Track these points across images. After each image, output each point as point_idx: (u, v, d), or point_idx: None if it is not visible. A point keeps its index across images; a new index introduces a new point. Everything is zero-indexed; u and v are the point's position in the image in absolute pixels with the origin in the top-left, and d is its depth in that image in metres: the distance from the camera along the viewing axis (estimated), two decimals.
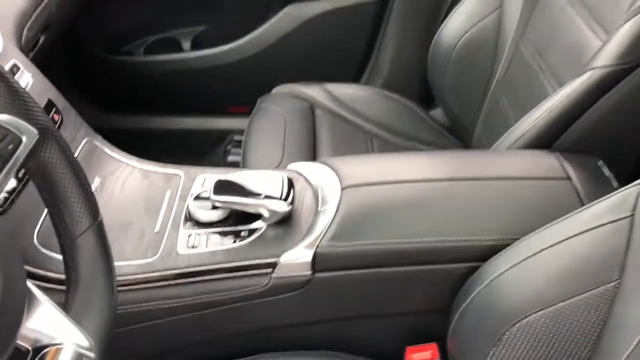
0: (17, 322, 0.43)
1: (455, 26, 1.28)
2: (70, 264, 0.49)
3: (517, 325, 0.66)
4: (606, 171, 0.85)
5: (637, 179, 0.65)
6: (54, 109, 0.82)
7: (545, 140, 0.90)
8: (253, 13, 1.51)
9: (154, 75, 1.57)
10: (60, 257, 0.65)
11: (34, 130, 0.46)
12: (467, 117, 1.31)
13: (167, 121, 1.64)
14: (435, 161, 0.86)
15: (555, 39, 1.07)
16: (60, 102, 0.85)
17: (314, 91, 1.37)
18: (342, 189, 0.79)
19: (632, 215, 0.62)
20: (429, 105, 1.52)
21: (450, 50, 1.28)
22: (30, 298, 0.45)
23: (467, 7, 1.27)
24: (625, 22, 0.84)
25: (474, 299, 0.71)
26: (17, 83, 0.46)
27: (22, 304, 0.43)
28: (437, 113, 1.47)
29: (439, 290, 0.77)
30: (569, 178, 0.81)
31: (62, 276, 0.53)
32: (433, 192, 0.79)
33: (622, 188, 0.64)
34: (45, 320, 0.45)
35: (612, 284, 0.62)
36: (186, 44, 1.57)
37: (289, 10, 1.47)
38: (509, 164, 0.85)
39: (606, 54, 0.85)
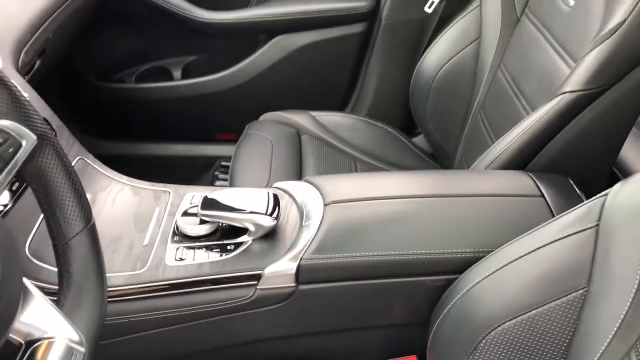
0: (11, 316, 0.45)
1: (436, 56, 1.34)
2: (63, 264, 0.52)
3: (492, 334, 0.68)
4: (576, 189, 0.89)
5: None
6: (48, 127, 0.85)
7: (519, 161, 0.95)
8: (242, 43, 1.56)
9: (145, 103, 1.61)
10: (51, 267, 0.68)
11: (33, 136, 0.49)
12: (448, 143, 1.36)
13: (156, 148, 1.67)
14: (415, 179, 0.90)
15: (529, 67, 1.13)
16: (55, 121, 0.89)
17: (300, 118, 1.42)
18: (325, 205, 0.82)
19: (597, 225, 0.65)
20: (412, 132, 1.57)
21: (431, 79, 1.34)
22: (25, 293, 0.47)
23: (447, 38, 1.33)
24: (591, 50, 0.89)
25: (451, 310, 0.74)
26: (19, 91, 0.49)
27: (17, 298, 0.46)
28: (420, 140, 1.52)
29: (418, 302, 0.80)
30: (542, 195, 0.84)
31: (54, 286, 0.55)
32: (412, 208, 0.82)
33: (588, 200, 0.68)
34: (38, 315, 0.47)
35: (580, 291, 0.65)
36: (177, 73, 1.62)
37: (277, 41, 1.52)
38: (485, 182, 0.89)
39: (575, 79, 0.90)
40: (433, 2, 1.42)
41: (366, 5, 1.49)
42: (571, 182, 0.89)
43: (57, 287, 0.52)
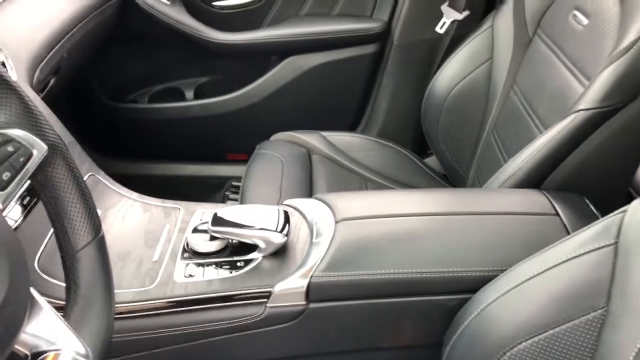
0: (17, 326, 0.44)
1: (447, 77, 1.33)
2: (71, 276, 0.51)
3: (507, 355, 0.67)
4: (592, 208, 0.87)
5: None
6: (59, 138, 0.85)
7: (534, 180, 0.93)
8: (254, 64, 1.57)
9: (157, 123, 1.62)
10: (60, 283, 0.67)
11: (44, 146, 0.49)
12: (460, 164, 1.35)
13: (167, 167, 1.67)
14: (428, 197, 0.89)
15: (541, 86, 1.12)
16: (66, 136, 0.89)
17: (311, 138, 1.41)
18: (336, 222, 0.81)
19: (616, 242, 0.64)
20: (424, 153, 1.56)
21: (443, 99, 1.33)
22: (32, 304, 0.47)
23: (459, 59, 1.33)
24: (606, 67, 0.89)
25: (465, 330, 0.72)
26: (32, 102, 0.49)
27: (24, 309, 0.45)
28: (432, 161, 1.51)
29: (431, 322, 0.78)
30: (557, 214, 0.83)
31: (62, 301, 0.54)
32: (425, 226, 0.81)
33: (605, 217, 0.66)
34: (44, 326, 0.47)
35: (599, 311, 0.63)
36: (189, 94, 1.63)
37: (289, 62, 1.53)
38: (499, 200, 0.88)
39: (589, 97, 0.89)
40: (445, 23, 1.42)
41: (378, 26, 1.50)
42: (587, 200, 0.88)
43: (65, 302, 0.52)
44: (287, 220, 0.81)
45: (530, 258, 0.70)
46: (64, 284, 0.53)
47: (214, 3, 1.54)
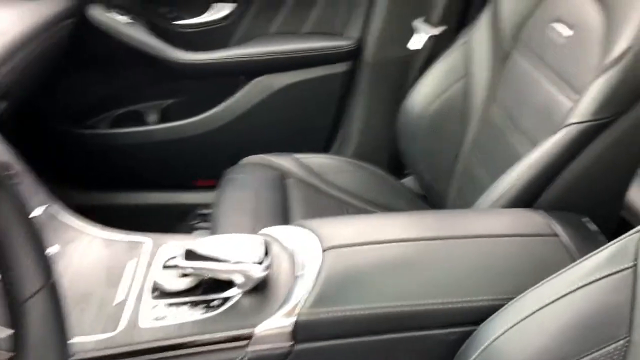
0: None
1: (423, 95, 1.29)
2: (18, 327, 0.42)
3: None
4: (592, 227, 0.82)
5: (623, 232, 0.62)
6: (7, 172, 0.76)
7: (527, 198, 0.88)
8: (222, 84, 1.50)
9: (119, 149, 1.52)
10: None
11: None
12: (439, 183, 1.30)
13: (130, 196, 1.57)
14: (419, 220, 0.83)
15: (525, 102, 1.08)
16: (17, 166, 0.79)
17: (284, 161, 1.35)
18: (323, 250, 0.74)
19: (635, 265, 0.58)
20: (401, 173, 1.51)
21: (419, 118, 1.29)
22: None
23: (433, 76, 1.29)
24: (597, 78, 0.85)
25: None
26: None
27: None
28: (410, 181, 1.46)
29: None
30: (556, 235, 0.78)
31: (10, 353, 0.45)
32: (420, 252, 0.74)
33: (619, 238, 0.61)
34: None
35: (621, 341, 0.57)
36: (153, 117, 1.54)
37: (258, 82, 1.47)
38: (494, 221, 0.82)
39: (582, 109, 0.85)
40: (419, 39, 1.38)
41: (349, 43, 1.45)
42: (584, 219, 0.83)
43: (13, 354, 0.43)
44: (267, 250, 0.73)
45: (540, 285, 0.64)
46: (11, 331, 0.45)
47: (178, 22, 1.46)
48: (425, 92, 1.29)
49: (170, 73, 1.45)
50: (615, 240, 0.61)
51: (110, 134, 1.53)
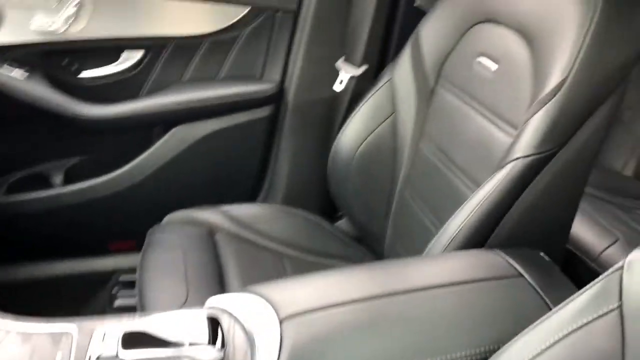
0: None
1: (352, 135, 1.27)
2: None
3: None
4: (548, 261, 0.81)
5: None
6: None
7: (479, 238, 0.86)
8: (135, 138, 1.39)
9: (20, 218, 1.36)
10: None
11: None
12: (375, 224, 1.27)
13: (36, 269, 1.40)
14: (378, 274, 0.77)
15: (457, 137, 1.08)
16: None
17: (211, 215, 1.27)
18: (281, 321, 0.66)
19: (620, 306, 0.56)
20: (334, 217, 1.47)
21: (350, 159, 1.26)
22: None
23: (361, 116, 1.26)
24: (536, 112, 0.85)
25: None
26: None
27: None
28: (343, 224, 1.42)
29: None
30: (521, 275, 0.75)
31: None
32: (386, 310, 0.69)
33: (599, 278, 0.58)
34: None
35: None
36: (58, 178, 1.39)
37: (175, 132, 1.38)
38: (454, 267, 0.78)
39: (524, 143, 0.85)
40: (342, 80, 1.36)
41: (271, 87, 1.40)
42: (543, 254, 0.81)
43: None
44: (217, 327, 0.65)
45: (523, 335, 0.60)
46: None
47: (81, 75, 1.34)
48: (353, 132, 1.27)
49: (74, 129, 1.32)
50: (595, 281, 0.59)
51: (7, 203, 1.36)
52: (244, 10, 1.35)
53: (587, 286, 0.59)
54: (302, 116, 1.42)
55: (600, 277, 0.58)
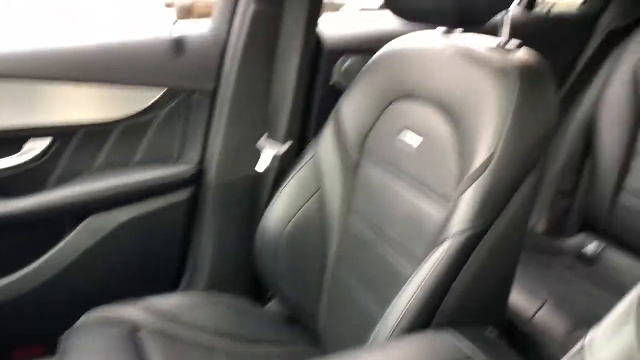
0: None
1: (279, 213, 1.25)
2: None
3: None
4: (496, 339, 0.81)
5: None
6: None
7: (425, 317, 0.86)
8: (43, 233, 1.29)
9: None
10: None
11: None
12: (308, 302, 1.25)
13: None
14: None
15: (387, 211, 1.08)
16: None
17: (131, 311, 1.18)
18: None
19: None
20: (263, 298, 1.43)
21: (278, 238, 1.24)
22: None
23: (286, 195, 1.26)
24: (468, 187, 0.87)
25: None
26: None
27: None
28: (274, 305, 1.38)
29: None
30: (468, 357, 0.74)
31: None
32: None
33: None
34: None
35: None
36: None
37: (87, 224, 1.30)
38: (407, 356, 0.76)
39: (460, 219, 0.86)
40: (265, 158, 1.35)
41: (189, 169, 1.37)
42: (490, 329, 0.81)
43: None
44: None
45: None
46: None
47: None
48: (280, 210, 1.25)
49: None
50: None
51: None
52: (159, 93, 1.33)
53: None
54: (224, 197, 1.40)
55: (571, 353, 0.58)
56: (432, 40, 1.07)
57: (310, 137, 1.32)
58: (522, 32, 1.63)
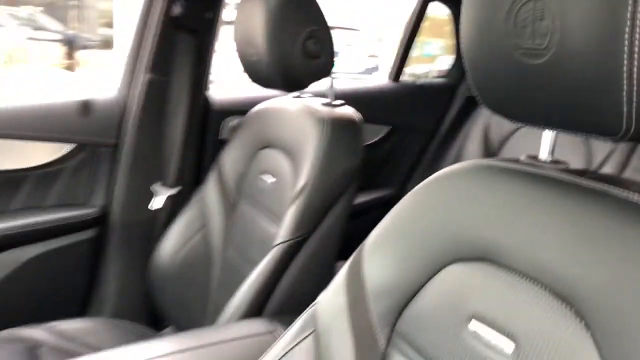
0: None
1: (168, 248, 1.44)
2: None
3: None
4: None
5: None
6: None
7: (255, 309, 1.07)
8: None
9: None
10: None
11: None
12: (194, 325, 1.40)
13: None
14: (173, 340, 0.94)
15: (250, 237, 1.31)
16: None
17: (34, 332, 1.32)
18: None
19: (314, 330, 0.77)
20: (161, 325, 1.57)
21: (167, 269, 1.43)
22: None
23: (176, 231, 1.45)
24: (290, 206, 1.11)
25: None
26: None
27: None
28: (169, 332, 1.53)
29: None
30: (270, 332, 0.95)
31: None
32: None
33: (302, 313, 0.80)
34: None
35: None
36: None
37: (2, 258, 1.45)
38: (226, 332, 0.97)
39: (283, 232, 1.10)
40: (158, 200, 1.56)
41: (94, 211, 1.55)
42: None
43: None
44: None
45: None
46: None
47: None
48: (170, 245, 1.44)
49: None
50: (298, 318, 0.81)
51: None
52: (70, 146, 1.54)
53: (295, 321, 0.80)
54: (125, 235, 1.57)
55: (302, 314, 0.80)
56: (286, 102, 1.34)
57: (200, 182, 1.54)
58: (393, 96, 1.95)
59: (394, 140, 2.02)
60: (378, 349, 0.69)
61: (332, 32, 1.19)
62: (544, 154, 0.64)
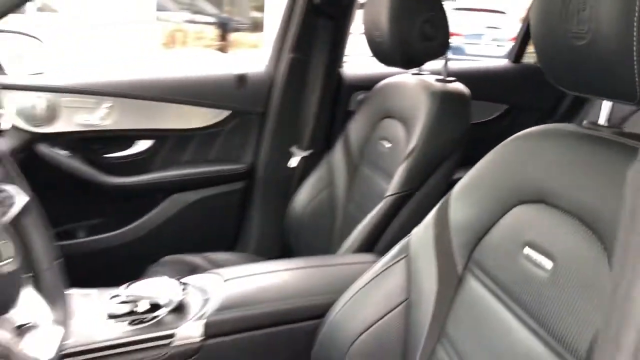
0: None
1: (301, 201, 1.71)
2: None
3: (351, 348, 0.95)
4: None
5: None
6: None
7: (366, 247, 1.30)
8: (143, 202, 1.83)
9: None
10: None
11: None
12: None
13: None
14: (292, 261, 1.20)
15: (368, 194, 1.53)
16: None
17: (194, 258, 1.67)
18: (225, 280, 1.08)
19: (407, 255, 0.98)
20: None
21: (299, 218, 1.70)
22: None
23: (307, 186, 1.72)
24: (400, 165, 1.31)
25: (320, 341, 1.00)
26: None
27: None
28: None
29: (301, 348, 1.04)
30: (373, 262, 1.17)
31: None
32: (289, 275, 1.11)
33: (399, 242, 1.01)
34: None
35: (404, 303, 0.95)
36: (82, 234, 1.82)
37: (172, 199, 1.82)
38: (340, 259, 1.21)
39: (392, 186, 1.31)
40: (295, 160, 1.84)
41: (244, 166, 1.87)
42: None
43: None
44: (182, 284, 1.06)
45: (358, 280, 1.02)
46: None
47: (107, 156, 1.81)
48: (302, 198, 1.71)
49: (99, 194, 1.77)
50: (396, 245, 1.02)
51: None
52: (226, 113, 1.84)
53: (392, 249, 1.02)
54: (267, 187, 1.87)
55: (399, 243, 1.01)
56: (405, 78, 1.54)
57: (329, 146, 1.78)
58: (510, 76, 2.04)
59: (510, 119, 2.12)
60: (456, 272, 0.89)
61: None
62: (602, 120, 0.79)
